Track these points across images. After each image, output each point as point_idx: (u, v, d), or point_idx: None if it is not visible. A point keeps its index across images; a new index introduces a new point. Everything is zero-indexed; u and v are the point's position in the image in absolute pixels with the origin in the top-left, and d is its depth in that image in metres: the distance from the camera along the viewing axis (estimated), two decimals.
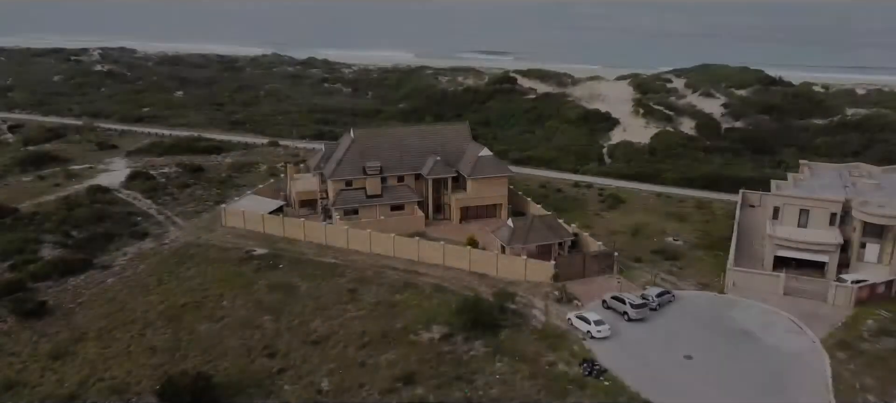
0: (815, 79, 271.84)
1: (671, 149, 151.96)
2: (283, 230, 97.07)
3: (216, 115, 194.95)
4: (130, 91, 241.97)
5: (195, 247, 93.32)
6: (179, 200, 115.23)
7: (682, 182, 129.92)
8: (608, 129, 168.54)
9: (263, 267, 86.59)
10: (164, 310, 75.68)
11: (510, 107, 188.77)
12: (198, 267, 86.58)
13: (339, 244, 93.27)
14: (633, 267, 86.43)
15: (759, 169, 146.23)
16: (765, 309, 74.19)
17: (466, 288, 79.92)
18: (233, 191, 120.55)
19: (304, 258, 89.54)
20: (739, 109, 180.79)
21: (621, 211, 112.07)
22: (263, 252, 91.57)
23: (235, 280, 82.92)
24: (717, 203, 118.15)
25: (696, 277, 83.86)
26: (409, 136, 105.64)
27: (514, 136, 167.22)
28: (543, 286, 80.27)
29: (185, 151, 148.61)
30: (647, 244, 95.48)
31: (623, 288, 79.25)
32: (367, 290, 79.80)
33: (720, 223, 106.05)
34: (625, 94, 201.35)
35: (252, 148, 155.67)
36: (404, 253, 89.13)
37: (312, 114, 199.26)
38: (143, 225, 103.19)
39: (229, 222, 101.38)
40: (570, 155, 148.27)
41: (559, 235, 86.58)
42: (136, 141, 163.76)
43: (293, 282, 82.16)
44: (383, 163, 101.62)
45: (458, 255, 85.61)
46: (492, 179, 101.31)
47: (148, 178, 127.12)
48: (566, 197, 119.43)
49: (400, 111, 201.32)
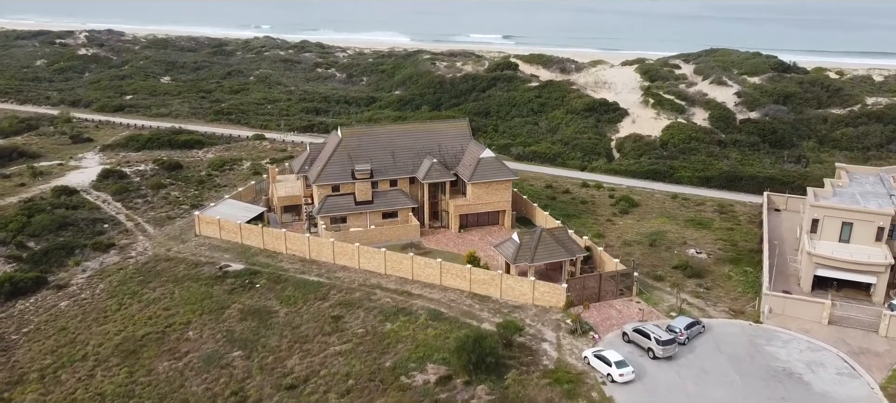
0: (825, 63, 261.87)
1: (684, 142, 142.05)
2: (263, 241, 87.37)
3: (201, 104, 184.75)
4: (114, 76, 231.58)
5: (163, 262, 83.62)
6: (152, 204, 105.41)
7: (698, 181, 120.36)
8: (616, 121, 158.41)
9: (238, 287, 76.96)
10: (121, 343, 66.05)
11: (512, 96, 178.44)
12: (164, 288, 76.90)
13: (324, 258, 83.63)
14: (653, 287, 76.89)
15: (778, 164, 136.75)
16: (808, 343, 64.61)
17: (466, 314, 70.40)
18: (211, 192, 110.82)
19: (285, 275, 79.90)
20: (754, 98, 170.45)
21: (635, 216, 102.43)
22: (239, 268, 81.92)
23: (205, 303, 73.27)
24: (739, 205, 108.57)
25: (725, 300, 74.32)
26: (402, 135, 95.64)
27: (516, 128, 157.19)
28: (554, 311, 70.77)
29: (165, 146, 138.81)
30: (667, 257, 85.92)
31: (644, 316, 69.75)
32: (354, 317, 70.22)
33: (745, 230, 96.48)
34: (631, 82, 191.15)
35: (236, 142, 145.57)
36: (397, 270, 79.55)
37: (303, 102, 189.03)
38: (108, 234, 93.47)
39: (204, 231, 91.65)
40: (576, 150, 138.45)
41: (571, 251, 76.94)
42: (114, 133, 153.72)
43: (270, 307, 72.56)
44: (374, 166, 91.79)
45: (456, 274, 76.01)
46: (494, 184, 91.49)
47: (121, 177, 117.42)
48: (574, 199, 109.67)
49: (395, 99, 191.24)
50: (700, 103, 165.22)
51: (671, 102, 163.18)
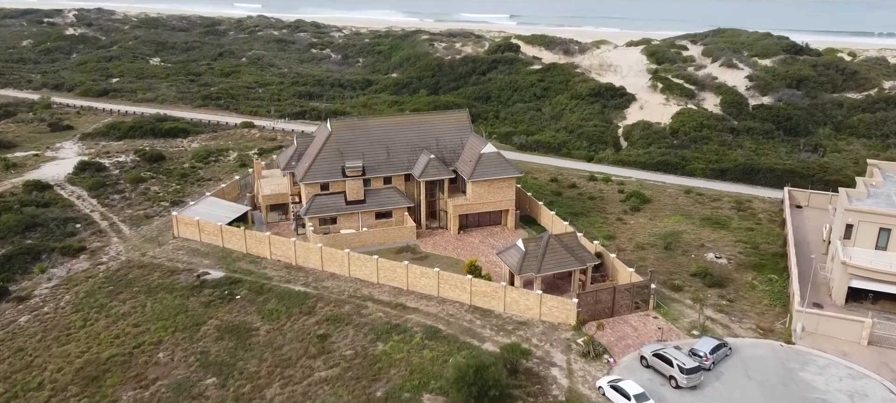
0: (836, 44, 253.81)
1: (695, 130, 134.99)
2: (246, 245, 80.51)
3: (189, 89, 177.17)
4: (102, 58, 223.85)
5: (137, 269, 76.75)
6: (130, 200, 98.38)
7: (712, 173, 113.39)
8: (623, 107, 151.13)
9: (216, 300, 70.14)
10: (82, 367, 59.33)
11: (513, 80, 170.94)
12: (135, 300, 70.08)
13: (311, 265, 76.82)
14: (671, 299, 70.19)
15: (794, 153, 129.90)
16: (848, 368, 58.04)
17: (466, 332, 63.75)
18: (194, 187, 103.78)
19: (269, 285, 73.09)
20: (766, 82, 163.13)
21: (647, 213, 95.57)
22: (218, 275, 75.10)
23: (179, 319, 66.49)
24: (757, 201, 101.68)
25: (751, 315, 67.63)
26: (397, 129, 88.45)
27: (518, 114, 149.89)
28: (563, 328, 64.13)
29: (147, 134, 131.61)
30: (684, 263, 79.18)
31: (664, 335, 63.12)
32: (342, 335, 63.53)
33: (766, 230, 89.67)
34: (638, 64, 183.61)
35: (223, 130, 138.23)
36: (390, 280, 72.78)
37: (296, 86, 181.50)
38: (80, 235, 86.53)
39: (183, 232, 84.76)
40: (581, 138, 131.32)
41: (581, 259, 70.13)
42: (96, 120, 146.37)
43: (250, 323, 65.82)
44: (366, 163, 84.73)
45: (456, 286, 69.23)
46: (497, 181, 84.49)
47: (98, 170, 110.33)
48: (582, 194, 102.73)
49: (392, 82, 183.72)
50: (710, 87, 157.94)
51: (680, 87, 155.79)
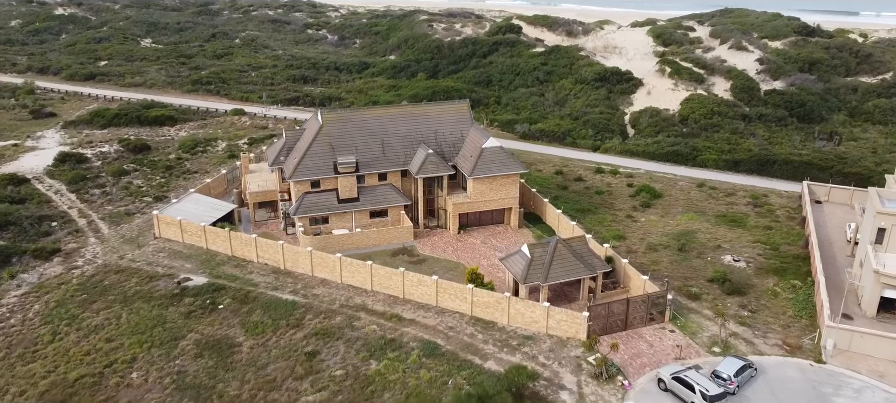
0: (846, 24, 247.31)
1: (706, 117, 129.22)
2: (231, 247, 75.24)
3: (179, 72, 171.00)
4: (91, 39, 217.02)
5: (113, 274, 71.52)
6: (111, 195, 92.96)
7: (725, 165, 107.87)
8: (629, 92, 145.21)
9: (197, 310, 64.98)
10: (48, 390, 54.23)
11: (515, 63, 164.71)
12: (110, 310, 64.90)
13: (300, 269, 71.63)
14: (688, 309, 65.07)
15: (809, 141, 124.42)
16: (886, 393, 53.02)
17: (467, 348, 58.68)
18: (179, 180, 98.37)
19: (255, 292, 67.93)
20: (777, 66, 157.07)
21: (659, 209, 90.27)
22: (201, 282, 69.90)
23: (156, 332, 61.35)
24: (774, 195, 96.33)
25: (775, 328, 62.50)
26: (393, 121, 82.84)
27: (520, 100, 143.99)
28: (572, 344, 59.06)
29: (133, 122, 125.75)
30: (700, 266, 73.98)
31: (682, 353, 58.02)
32: (332, 352, 58.43)
33: (785, 229, 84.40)
34: (643, 46, 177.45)
35: (212, 117, 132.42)
36: (385, 287, 67.59)
37: (290, 69, 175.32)
38: (55, 235, 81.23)
39: (164, 232, 79.47)
40: (587, 126, 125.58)
41: (591, 267, 64.91)
42: (80, 106, 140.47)
43: (233, 338, 60.69)
44: (360, 158, 79.23)
45: (456, 295, 64.07)
46: (500, 178, 79.06)
47: (79, 162, 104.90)
48: (589, 188, 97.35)
49: (390, 65, 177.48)
50: (720, 72, 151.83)
51: (689, 71, 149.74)
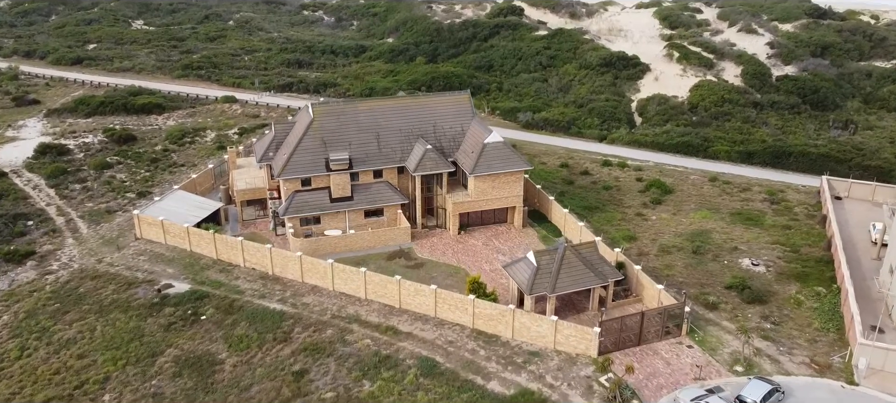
0: (855, 5, 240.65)
1: (716, 105, 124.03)
2: (216, 250, 70.49)
3: (170, 56, 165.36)
4: (81, 21, 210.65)
5: (90, 280, 66.83)
6: (92, 191, 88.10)
7: (738, 157, 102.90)
8: (636, 78, 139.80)
9: (177, 321, 60.38)
10: None
11: (517, 47, 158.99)
12: (83, 322, 60.30)
13: (290, 275, 66.95)
14: (706, 320, 60.48)
15: (823, 130, 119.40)
16: None
17: (468, 366, 54.16)
18: (164, 174, 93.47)
19: (240, 301, 63.32)
20: (789, 50, 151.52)
21: (670, 206, 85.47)
22: (183, 289, 65.26)
23: (132, 348, 56.75)
24: (791, 190, 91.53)
25: (801, 343, 57.91)
26: (388, 114, 77.74)
27: (522, 86, 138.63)
28: (582, 361, 54.54)
29: (119, 111, 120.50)
30: (717, 271, 69.31)
31: (702, 372, 53.48)
32: (322, 370, 53.88)
33: (804, 228, 79.66)
34: (650, 29, 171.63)
35: (202, 104, 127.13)
36: (380, 296, 62.96)
37: (284, 53, 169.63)
38: (32, 235, 76.48)
39: (146, 233, 74.71)
40: (592, 115, 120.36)
41: (602, 275, 60.25)
42: (66, 92, 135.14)
43: (215, 354, 56.11)
44: (353, 154, 74.28)
45: (456, 306, 59.46)
46: (503, 176, 74.16)
47: (61, 153, 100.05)
48: (596, 183, 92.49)
49: (387, 49, 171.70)
50: (730, 56, 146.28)
51: (698, 56, 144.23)
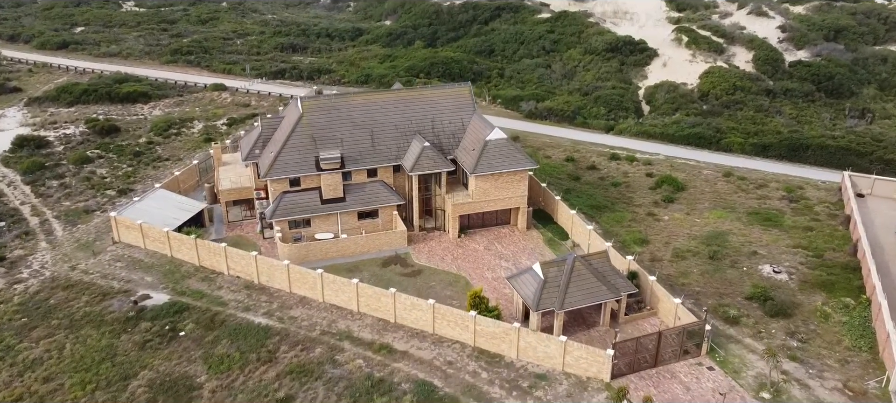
0: None
1: (727, 93, 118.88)
2: (198, 257, 65.69)
3: (159, 40, 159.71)
4: (69, 2, 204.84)
5: (62, 290, 62.08)
6: (70, 188, 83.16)
7: (752, 149, 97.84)
8: (643, 63, 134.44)
9: (154, 338, 55.66)
10: None
11: (519, 31, 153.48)
12: (53, 339, 55.58)
13: (277, 284, 62.22)
14: (727, 337, 55.80)
15: (839, 119, 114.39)
16: None
17: (470, 391, 49.56)
18: (147, 169, 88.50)
19: (223, 314, 58.61)
20: (801, 34, 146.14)
21: (683, 204, 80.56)
22: (161, 300, 60.54)
23: (103, 369, 52.07)
24: (810, 187, 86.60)
25: (831, 363, 53.22)
26: (383, 108, 72.63)
27: (525, 72, 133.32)
28: (594, 386, 49.93)
29: (103, 99, 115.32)
30: (736, 278, 64.55)
31: (725, 401, 48.85)
32: (310, 396, 49.23)
33: (827, 230, 74.80)
34: (656, 11, 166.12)
35: (191, 92, 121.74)
36: (374, 309, 58.26)
37: (277, 36, 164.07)
38: (3, 237, 71.61)
39: (124, 236, 69.86)
40: (599, 104, 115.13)
41: (614, 288, 55.50)
42: (49, 79, 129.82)
43: (193, 376, 51.43)
44: (346, 151, 69.27)
45: (456, 323, 54.77)
46: (506, 175, 69.18)
47: (39, 146, 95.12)
48: (603, 178, 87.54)
49: (385, 32, 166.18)
50: (740, 41, 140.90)
51: (708, 40, 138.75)
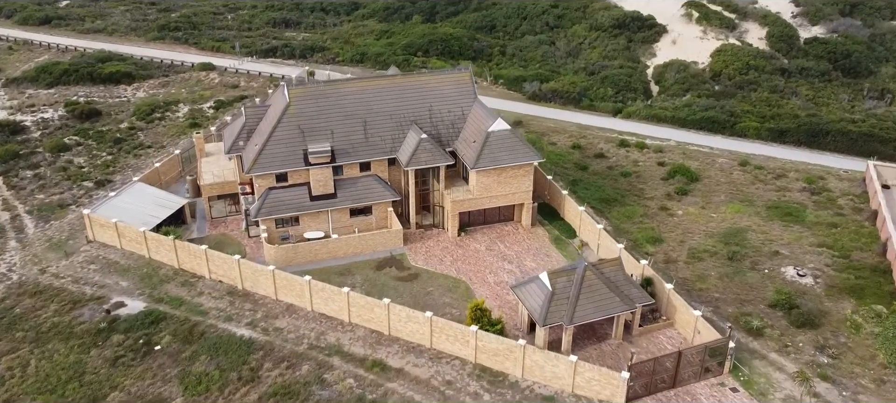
0: None
1: (740, 73, 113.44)
2: (177, 259, 60.87)
3: (146, 15, 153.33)
4: None
5: (29, 298, 57.35)
6: (45, 179, 78.07)
7: (769, 135, 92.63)
8: (652, 41, 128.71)
9: (127, 353, 50.99)
10: None
11: (522, 5, 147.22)
12: (16, 354, 50.93)
13: (262, 291, 57.49)
14: (750, 352, 51.16)
15: (857, 101, 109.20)
16: None
17: None
18: (128, 158, 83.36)
19: (202, 324, 53.91)
20: (816, 9, 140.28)
21: (698, 197, 75.55)
22: (137, 308, 55.82)
23: (70, 390, 47.50)
24: (832, 177, 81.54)
25: (866, 383, 48.62)
26: (377, 95, 67.26)
27: (528, 50, 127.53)
28: None
29: (84, 80, 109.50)
30: (757, 282, 59.80)
31: None
32: None
33: (853, 225, 69.90)
34: None
35: (177, 72, 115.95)
36: (366, 320, 53.57)
37: (270, 11, 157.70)
38: None
39: (99, 235, 64.98)
40: (605, 84, 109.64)
41: (628, 299, 50.74)
42: (29, 57, 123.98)
43: (168, 399, 46.81)
44: (336, 144, 64.09)
45: (456, 337, 50.09)
46: (509, 170, 64.10)
47: (15, 132, 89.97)
48: (612, 168, 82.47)
49: (381, 6, 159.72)
50: (753, 16, 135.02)
51: (719, 16, 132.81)
